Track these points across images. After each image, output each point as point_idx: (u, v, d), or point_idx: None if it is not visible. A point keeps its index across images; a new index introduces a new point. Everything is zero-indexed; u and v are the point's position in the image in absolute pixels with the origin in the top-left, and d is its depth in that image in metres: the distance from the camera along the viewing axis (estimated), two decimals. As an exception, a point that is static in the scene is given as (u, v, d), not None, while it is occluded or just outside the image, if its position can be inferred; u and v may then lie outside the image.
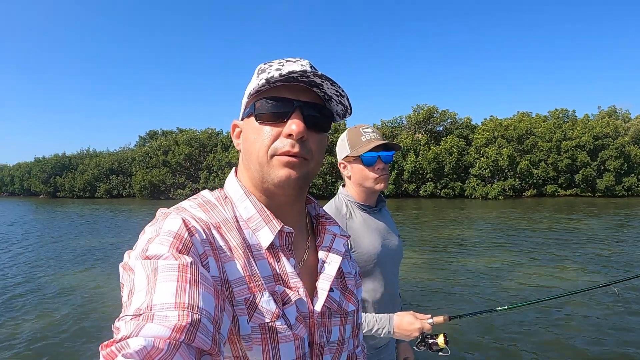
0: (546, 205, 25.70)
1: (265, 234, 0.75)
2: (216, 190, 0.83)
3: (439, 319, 1.69)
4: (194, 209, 0.74)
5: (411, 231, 15.10)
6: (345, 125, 31.54)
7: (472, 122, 40.17)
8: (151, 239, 0.63)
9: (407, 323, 1.62)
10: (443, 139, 37.62)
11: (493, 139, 35.86)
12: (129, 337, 0.48)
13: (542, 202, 27.97)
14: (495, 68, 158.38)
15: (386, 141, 1.73)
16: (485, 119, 40.06)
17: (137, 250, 0.62)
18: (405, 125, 42.14)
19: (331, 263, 0.83)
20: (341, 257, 0.84)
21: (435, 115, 39.83)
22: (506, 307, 1.93)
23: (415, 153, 36.64)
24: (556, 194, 33.66)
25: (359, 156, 1.72)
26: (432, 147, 36.51)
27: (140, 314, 0.51)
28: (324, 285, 0.81)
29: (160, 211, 0.72)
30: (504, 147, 34.30)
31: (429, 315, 1.67)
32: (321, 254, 0.84)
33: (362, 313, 1.67)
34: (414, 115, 40.51)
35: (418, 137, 38.83)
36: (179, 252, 0.60)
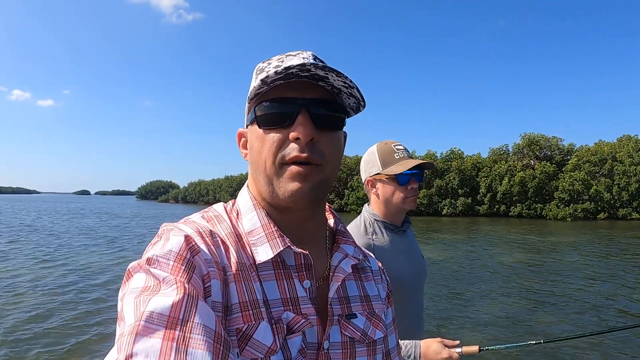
0: (619, 228, 26.89)
1: (263, 251, 0.67)
2: (230, 202, 0.77)
3: (469, 349, 1.59)
4: (202, 222, 0.69)
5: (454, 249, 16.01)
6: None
7: (574, 148, 47.98)
8: (150, 260, 0.56)
9: (433, 352, 1.54)
10: (537, 164, 46.33)
11: (581, 164, 43.05)
12: None
13: (615, 226, 30.02)
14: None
15: (424, 161, 1.67)
16: (586, 145, 46.96)
17: (131, 281, 0.55)
18: (511, 152, 52.03)
19: (332, 286, 0.72)
20: (341, 280, 0.73)
21: (540, 141, 49.02)
22: (541, 340, 1.79)
23: (509, 177, 46.11)
24: (629, 218, 38.57)
25: (395, 175, 1.67)
26: (520, 172, 45.68)
27: None
28: (333, 311, 0.71)
29: (164, 227, 0.65)
30: (583, 171, 41.36)
31: (458, 342, 1.59)
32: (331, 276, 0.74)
33: None
34: (522, 142, 50.13)
35: (526, 162, 48.32)
36: (179, 280, 0.53)
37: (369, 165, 1.77)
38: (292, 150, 0.66)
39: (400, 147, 1.73)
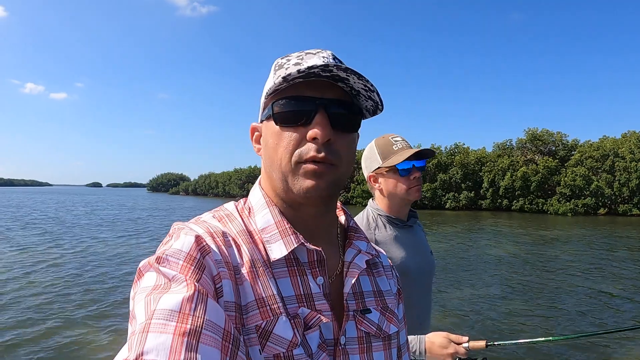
0: (621, 224, 26.94)
1: (277, 249, 0.67)
2: (241, 200, 0.77)
3: (477, 344, 1.54)
4: (213, 222, 0.70)
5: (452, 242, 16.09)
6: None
7: (578, 143, 48.21)
8: (160, 259, 0.57)
9: (438, 347, 1.50)
10: (540, 159, 46.87)
11: (583, 160, 43.40)
12: None
13: (615, 221, 30.10)
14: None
15: (422, 148, 1.66)
16: (590, 140, 47.32)
17: (142, 280, 0.56)
18: (515, 146, 52.63)
19: (347, 281, 0.73)
20: (356, 276, 0.73)
21: (544, 137, 49.59)
22: (550, 338, 1.74)
23: (512, 172, 46.73)
24: (629, 214, 38.47)
25: (395, 166, 1.65)
26: (522, 167, 46.29)
27: None
28: (349, 306, 0.72)
29: (175, 226, 0.66)
30: (586, 167, 41.69)
31: (466, 338, 1.55)
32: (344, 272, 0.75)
33: None
34: (526, 137, 50.65)
35: (530, 157, 48.92)
36: (189, 279, 0.54)
37: (369, 160, 1.78)
38: (310, 149, 0.66)
39: (398, 139, 1.72)
